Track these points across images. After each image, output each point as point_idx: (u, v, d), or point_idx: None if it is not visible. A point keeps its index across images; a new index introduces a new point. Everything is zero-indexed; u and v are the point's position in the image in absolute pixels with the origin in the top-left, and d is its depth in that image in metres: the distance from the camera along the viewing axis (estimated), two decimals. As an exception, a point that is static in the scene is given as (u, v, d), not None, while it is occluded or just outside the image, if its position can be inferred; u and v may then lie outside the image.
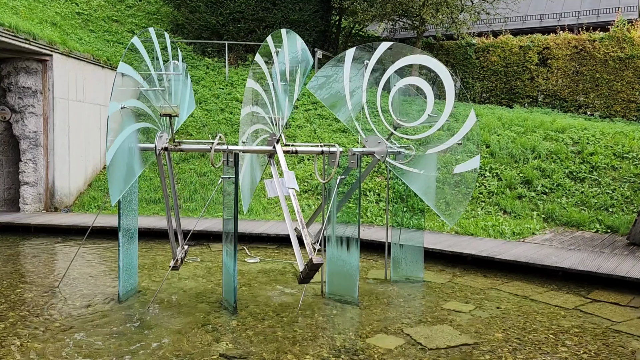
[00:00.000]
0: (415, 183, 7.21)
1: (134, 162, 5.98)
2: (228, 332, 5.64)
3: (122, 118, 5.64)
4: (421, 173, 7.13)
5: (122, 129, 5.63)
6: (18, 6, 15.60)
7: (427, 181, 7.20)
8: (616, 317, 6.27)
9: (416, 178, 7.20)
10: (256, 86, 7.40)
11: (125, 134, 5.70)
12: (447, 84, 6.90)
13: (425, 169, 7.14)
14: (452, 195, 8.97)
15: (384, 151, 7.09)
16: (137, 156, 6.08)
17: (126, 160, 5.76)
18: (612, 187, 11.31)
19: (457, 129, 7.17)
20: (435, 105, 7.10)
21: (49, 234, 10.75)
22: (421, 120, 7.15)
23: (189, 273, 7.98)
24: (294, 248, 5.91)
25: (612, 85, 16.77)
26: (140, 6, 21.06)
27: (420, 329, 5.77)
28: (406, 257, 7.75)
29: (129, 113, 5.84)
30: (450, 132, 7.15)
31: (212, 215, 11.97)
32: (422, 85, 7.25)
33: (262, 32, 18.88)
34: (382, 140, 7.12)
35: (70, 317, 5.99)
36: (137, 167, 6.10)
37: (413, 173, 7.20)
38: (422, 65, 7.25)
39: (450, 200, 8.96)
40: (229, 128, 15.20)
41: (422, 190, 7.21)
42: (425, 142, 7.42)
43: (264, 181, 6.74)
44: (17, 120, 12.39)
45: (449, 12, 17.81)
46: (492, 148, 13.11)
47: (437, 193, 7.51)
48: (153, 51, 6.48)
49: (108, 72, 14.51)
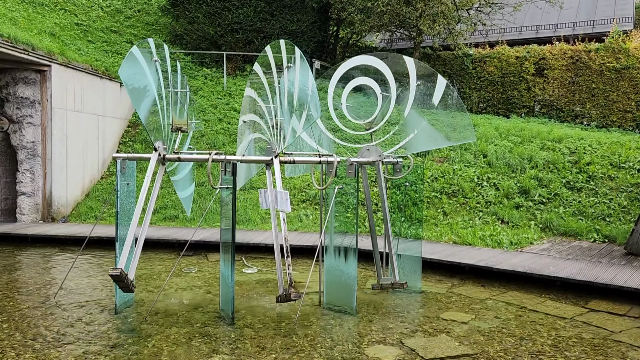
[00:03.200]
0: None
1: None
2: (226, 342, 5.61)
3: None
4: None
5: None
6: (17, 17, 15.67)
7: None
8: (615, 327, 6.26)
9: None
10: (255, 95, 7.43)
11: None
12: (391, 83, 7.19)
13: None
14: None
15: (380, 159, 7.15)
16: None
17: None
18: (609, 196, 11.34)
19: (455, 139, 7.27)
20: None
21: (46, 244, 10.71)
22: (377, 117, 7.31)
23: (186, 284, 7.95)
24: (277, 268, 6.19)
25: (608, 95, 16.86)
26: (139, 17, 21.16)
27: (418, 340, 5.75)
28: (404, 267, 7.74)
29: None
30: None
31: (209, 225, 11.94)
32: (371, 85, 7.43)
33: (260, 42, 18.98)
34: (379, 150, 7.17)
35: (67, 328, 5.95)
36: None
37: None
38: (369, 66, 7.43)
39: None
40: (227, 138, 15.22)
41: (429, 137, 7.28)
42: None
43: (259, 191, 6.74)
44: (15, 131, 12.39)
45: (445, 23, 17.94)
46: (490, 158, 13.15)
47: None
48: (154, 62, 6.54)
49: (106, 82, 14.55)
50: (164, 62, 6.79)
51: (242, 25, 19.20)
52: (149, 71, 6.31)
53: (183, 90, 6.88)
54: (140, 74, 6.20)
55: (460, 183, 12.39)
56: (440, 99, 7.22)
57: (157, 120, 6.54)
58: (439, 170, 12.98)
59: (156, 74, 6.48)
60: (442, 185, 12.49)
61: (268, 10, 19.42)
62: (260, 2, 19.29)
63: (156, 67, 6.49)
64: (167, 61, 6.89)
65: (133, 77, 6.12)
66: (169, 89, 6.73)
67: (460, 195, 12.16)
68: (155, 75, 6.48)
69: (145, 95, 6.28)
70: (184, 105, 6.97)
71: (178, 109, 6.81)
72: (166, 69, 6.81)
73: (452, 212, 11.77)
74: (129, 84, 6.08)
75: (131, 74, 6.06)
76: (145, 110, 6.33)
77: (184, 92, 6.93)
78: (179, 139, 7.12)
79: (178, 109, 6.79)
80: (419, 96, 7.28)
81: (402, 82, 7.31)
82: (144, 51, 6.27)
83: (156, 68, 6.49)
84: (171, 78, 6.94)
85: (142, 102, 6.27)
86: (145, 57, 6.28)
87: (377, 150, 7.17)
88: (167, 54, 6.92)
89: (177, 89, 6.87)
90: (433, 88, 7.23)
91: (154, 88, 6.39)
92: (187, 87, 7.40)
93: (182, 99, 6.98)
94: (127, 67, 5.94)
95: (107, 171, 14.70)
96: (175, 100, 6.80)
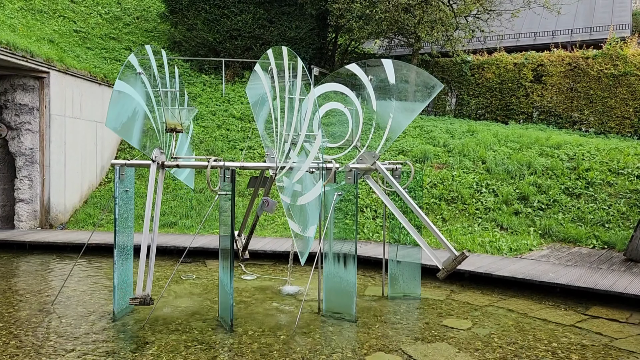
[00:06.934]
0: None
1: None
2: (224, 350, 5.57)
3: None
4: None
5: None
6: (16, 24, 15.69)
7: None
8: (615, 333, 6.24)
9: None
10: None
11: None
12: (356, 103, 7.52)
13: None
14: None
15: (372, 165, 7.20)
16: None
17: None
18: (608, 202, 11.34)
19: (452, 145, 7.28)
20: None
21: (44, 251, 10.67)
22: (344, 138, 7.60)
23: (184, 291, 7.92)
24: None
25: (606, 101, 16.90)
26: (138, 24, 21.20)
27: (418, 347, 5.72)
28: (403, 273, 7.71)
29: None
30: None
31: (208, 232, 11.91)
32: (338, 106, 7.73)
33: (258, 49, 19.02)
34: (372, 152, 7.21)
35: (65, 335, 5.91)
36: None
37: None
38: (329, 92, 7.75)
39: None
40: (226, 144, 15.22)
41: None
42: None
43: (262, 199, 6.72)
44: (14, 137, 12.37)
45: (444, 30, 17.99)
46: (489, 164, 13.15)
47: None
48: (150, 68, 6.51)
49: (105, 88, 14.55)
50: (161, 68, 6.77)
51: (241, 32, 19.25)
52: (135, 91, 6.20)
53: (172, 90, 6.76)
54: (128, 105, 6.07)
55: (459, 189, 12.39)
56: (395, 76, 7.38)
57: (151, 130, 6.48)
58: (437, 176, 12.98)
59: (143, 87, 6.37)
60: (441, 191, 12.48)
61: (267, 17, 19.48)
62: (259, 9, 19.35)
63: (142, 80, 6.38)
64: (165, 67, 6.88)
65: (119, 117, 6.00)
66: (158, 93, 6.62)
67: (459, 201, 12.15)
68: (142, 89, 6.36)
69: (134, 121, 6.18)
70: (176, 105, 6.87)
71: (170, 110, 6.70)
72: (159, 73, 6.74)
73: (451, 219, 11.75)
74: (116, 127, 6.02)
75: (116, 114, 5.95)
76: (137, 135, 6.26)
77: (174, 92, 6.81)
78: (178, 142, 7.08)
79: (170, 109, 6.68)
80: (377, 86, 7.48)
81: (358, 87, 7.55)
82: (129, 79, 6.15)
83: (142, 81, 6.38)
84: (168, 82, 6.90)
85: (134, 131, 6.20)
86: (131, 81, 6.17)
87: (370, 154, 7.20)
88: (165, 61, 6.92)
89: (167, 88, 6.76)
90: (384, 72, 7.40)
91: (142, 106, 6.28)
92: (179, 84, 7.33)
93: (173, 99, 6.89)
94: (113, 110, 5.85)
95: (105, 178, 14.68)
96: (167, 101, 6.71)
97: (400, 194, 7.11)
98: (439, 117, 18.43)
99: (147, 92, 6.49)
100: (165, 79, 6.86)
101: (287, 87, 6.71)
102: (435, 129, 15.67)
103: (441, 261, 6.65)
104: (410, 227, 7.01)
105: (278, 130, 6.88)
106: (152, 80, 6.57)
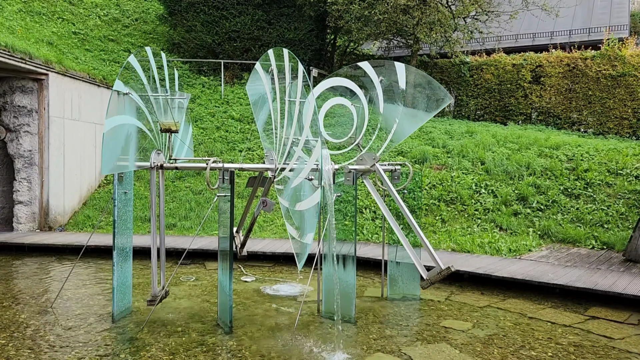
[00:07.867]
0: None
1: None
2: (224, 352, 5.57)
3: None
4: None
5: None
6: (14, 26, 15.68)
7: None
8: (615, 334, 6.24)
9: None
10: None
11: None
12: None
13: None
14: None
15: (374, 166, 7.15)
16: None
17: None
18: (607, 203, 11.34)
19: (450, 147, 7.25)
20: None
21: (42, 253, 10.65)
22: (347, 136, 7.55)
23: (184, 292, 7.91)
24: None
25: (604, 102, 16.92)
26: (137, 26, 21.21)
27: (418, 348, 5.72)
28: (403, 274, 7.71)
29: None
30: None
31: (207, 233, 11.90)
32: (343, 102, 7.63)
33: (257, 50, 19.03)
34: (372, 154, 7.18)
35: (64, 338, 5.90)
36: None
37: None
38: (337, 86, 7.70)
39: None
40: (225, 146, 15.22)
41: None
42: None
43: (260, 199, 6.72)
44: (12, 139, 12.36)
45: (442, 31, 18.01)
46: (488, 165, 13.15)
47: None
48: (149, 70, 6.49)
49: (104, 90, 14.54)
50: (161, 70, 6.76)
51: (240, 33, 19.26)
52: (126, 116, 6.02)
53: (165, 96, 6.65)
54: (119, 137, 5.86)
55: (459, 190, 12.39)
56: (406, 81, 7.34)
57: (146, 136, 6.42)
58: (437, 177, 12.98)
59: (133, 103, 6.17)
60: (440, 192, 12.48)
61: (265, 19, 19.49)
62: (258, 11, 19.36)
63: (129, 99, 6.16)
64: (164, 69, 6.88)
65: (112, 158, 5.79)
66: (152, 96, 6.52)
67: (459, 202, 12.15)
68: (132, 104, 6.16)
69: (129, 146, 6.02)
70: (169, 105, 6.76)
71: (163, 111, 6.58)
72: (158, 75, 6.69)
73: (450, 220, 11.75)
74: (112, 169, 5.80)
75: (108, 157, 5.73)
76: (133, 155, 6.14)
77: (165, 96, 6.71)
78: (177, 144, 7.07)
79: (163, 110, 6.56)
80: (387, 88, 7.42)
81: (367, 87, 7.51)
82: (118, 109, 5.90)
83: (129, 99, 6.17)
84: (168, 84, 6.87)
85: (129, 157, 6.05)
86: (120, 109, 5.94)
87: (370, 156, 7.17)
88: (164, 62, 6.91)
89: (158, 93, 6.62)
90: (395, 75, 7.36)
91: (134, 122, 6.10)
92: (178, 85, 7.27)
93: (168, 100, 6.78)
94: (105, 153, 5.59)
95: (104, 180, 14.66)
96: (159, 104, 6.63)
97: (394, 198, 7.05)
98: (438, 118, 18.44)
99: (138, 104, 6.31)
100: (165, 80, 6.85)
101: (287, 89, 6.71)
102: (434, 130, 15.69)
103: (428, 271, 6.52)
104: (398, 231, 6.87)
105: (277, 131, 6.88)
106: (152, 83, 6.54)
